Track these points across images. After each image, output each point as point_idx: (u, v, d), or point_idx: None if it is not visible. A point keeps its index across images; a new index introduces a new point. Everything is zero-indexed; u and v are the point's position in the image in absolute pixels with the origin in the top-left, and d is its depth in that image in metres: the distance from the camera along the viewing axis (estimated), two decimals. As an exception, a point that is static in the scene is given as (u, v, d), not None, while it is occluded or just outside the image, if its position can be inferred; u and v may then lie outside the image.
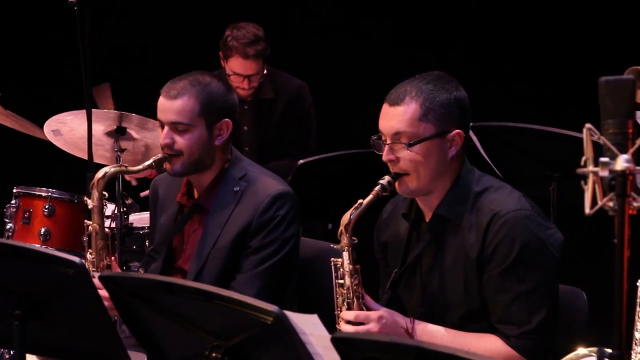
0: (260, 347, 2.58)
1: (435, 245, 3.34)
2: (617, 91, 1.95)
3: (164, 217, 3.88)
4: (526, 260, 3.20)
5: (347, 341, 2.31)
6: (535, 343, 3.19)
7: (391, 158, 3.26)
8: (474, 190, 3.30)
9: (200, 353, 2.60)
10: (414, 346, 2.16)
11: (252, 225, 3.69)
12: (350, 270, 3.29)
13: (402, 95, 3.26)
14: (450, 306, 3.33)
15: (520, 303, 3.21)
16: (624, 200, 1.89)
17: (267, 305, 2.45)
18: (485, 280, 3.26)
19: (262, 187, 3.74)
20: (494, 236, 3.22)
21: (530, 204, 3.29)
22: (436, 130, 3.25)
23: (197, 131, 3.69)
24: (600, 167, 1.92)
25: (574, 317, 3.44)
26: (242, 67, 5.48)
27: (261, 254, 3.69)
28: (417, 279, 3.39)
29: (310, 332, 2.45)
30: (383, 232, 3.54)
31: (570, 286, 3.48)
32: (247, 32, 5.47)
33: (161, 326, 2.73)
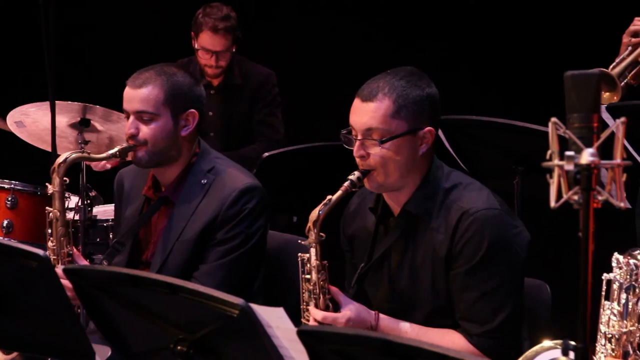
0: (225, 340, 2.57)
1: (404, 241, 3.34)
2: (583, 85, 1.96)
3: (129, 209, 3.86)
4: (493, 259, 3.21)
5: (313, 334, 2.31)
6: (497, 342, 3.21)
7: (362, 154, 3.25)
8: (443, 187, 3.31)
9: (165, 346, 2.59)
10: (379, 338, 2.16)
11: (219, 218, 3.69)
12: (318, 266, 3.29)
13: (375, 91, 3.25)
14: (418, 302, 3.34)
15: (484, 301, 3.22)
16: (589, 194, 1.91)
17: (233, 298, 2.45)
18: (451, 277, 3.27)
19: (230, 180, 3.73)
20: (462, 234, 3.23)
21: (499, 201, 3.30)
22: (408, 128, 3.24)
23: (162, 120, 3.68)
24: (565, 160, 1.93)
25: (538, 310, 3.47)
26: (210, 41, 5.53)
27: (225, 247, 3.68)
28: (384, 274, 3.39)
29: (276, 325, 2.44)
30: (350, 224, 3.54)
31: (534, 279, 3.50)
32: (218, 10, 5.57)
33: (125, 319, 2.71)
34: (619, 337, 2.70)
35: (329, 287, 3.30)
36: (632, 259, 2.67)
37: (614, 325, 2.70)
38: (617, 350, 2.70)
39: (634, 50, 4.49)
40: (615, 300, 2.71)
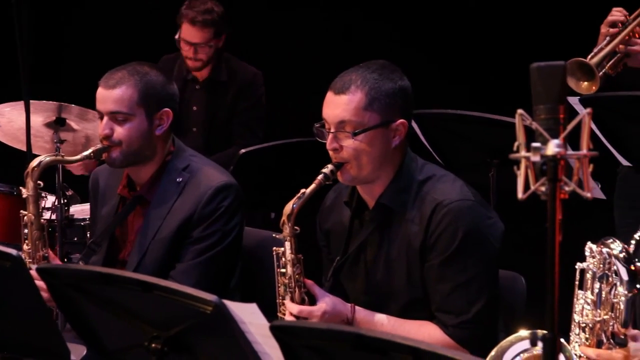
0: (199, 336, 2.57)
1: (379, 234, 3.35)
2: (548, 77, 1.97)
3: (105, 209, 3.85)
4: (467, 250, 3.23)
5: (285, 329, 2.31)
6: (473, 333, 3.22)
7: (335, 146, 3.26)
8: (417, 179, 3.32)
9: (139, 344, 2.59)
10: (351, 333, 2.17)
11: (195, 216, 3.68)
12: (293, 259, 3.30)
13: (348, 83, 3.26)
14: (394, 295, 3.34)
15: (459, 292, 3.23)
16: (556, 185, 1.92)
17: (206, 294, 2.45)
18: (426, 269, 3.28)
19: (205, 178, 3.72)
20: (436, 226, 3.24)
21: (473, 193, 3.32)
22: (381, 120, 3.25)
23: (137, 120, 3.67)
24: (532, 152, 1.94)
25: (514, 301, 3.48)
26: (189, 33, 5.54)
27: (202, 245, 3.68)
28: (361, 267, 3.40)
29: (250, 321, 2.45)
30: (326, 219, 3.55)
31: (509, 271, 3.52)
32: (202, 3, 5.56)
33: (100, 318, 2.71)
34: (592, 326, 2.71)
35: (305, 281, 3.30)
36: (605, 247, 2.68)
37: (587, 314, 2.71)
38: (591, 339, 2.71)
39: (612, 40, 4.51)
40: (588, 290, 2.72)
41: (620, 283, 2.64)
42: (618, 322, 2.67)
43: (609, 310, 2.69)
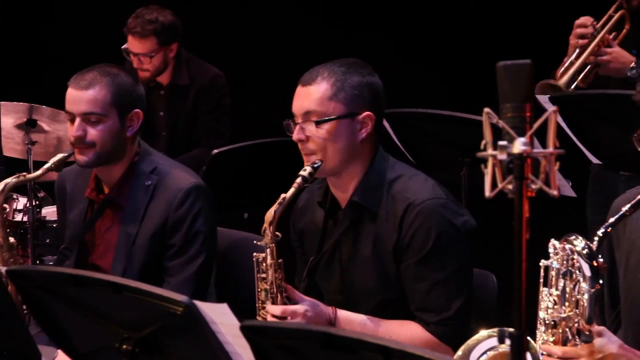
0: (171, 337, 2.56)
1: (353, 233, 3.36)
2: (515, 75, 1.98)
3: (73, 212, 3.84)
4: (443, 249, 3.24)
5: (256, 329, 2.31)
6: (454, 329, 3.24)
7: (301, 137, 3.27)
8: (388, 178, 3.33)
9: (110, 345, 2.58)
10: (321, 332, 2.17)
11: (169, 221, 3.68)
12: (274, 265, 3.29)
13: (315, 76, 3.28)
14: (368, 294, 3.35)
15: (438, 290, 3.25)
16: (522, 183, 1.92)
17: (177, 295, 2.45)
18: (403, 269, 3.29)
19: (175, 181, 3.72)
20: (409, 225, 3.25)
21: (444, 191, 3.33)
22: (346, 111, 3.26)
23: (110, 121, 3.66)
24: (498, 150, 1.95)
25: (485, 299, 3.50)
26: (132, 44, 5.53)
27: (187, 254, 3.68)
28: (335, 267, 3.41)
29: (220, 321, 2.44)
30: (299, 220, 3.55)
31: (480, 269, 3.53)
32: (147, 13, 5.50)
33: (70, 320, 2.70)
34: (557, 322, 2.72)
35: (286, 286, 3.30)
36: (567, 244, 2.69)
37: (552, 311, 2.72)
38: (556, 336, 2.73)
39: (581, 53, 4.56)
40: (553, 287, 2.73)
41: (583, 279, 2.65)
42: (583, 319, 2.68)
43: (574, 306, 2.70)
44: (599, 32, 4.61)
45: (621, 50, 4.62)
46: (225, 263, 3.94)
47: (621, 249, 2.99)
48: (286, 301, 3.29)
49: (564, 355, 2.71)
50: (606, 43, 4.61)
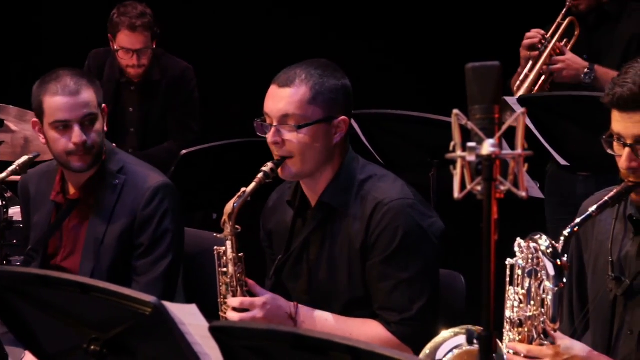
0: (139, 338, 2.56)
1: (321, 233, 3.37)
2: (483, 77, 1.99)
3: (38, 215, 3.82)
4: (408, 248, 3.25)
5: (224, 330, 2.31)
6: (415, 329, 3.24)
7: (277, 140, 3.26)
8: (358, 179, 3.34)
9: (78, 346, 2.57)
10: (290, 333, 2.17)
11: (137, 220, 3.67)
12: (234, 258, 3.30)
13: (292, 77, 3.27)
14: (335, 294, 3.36)
15: (401, 290, 3.25)
16: (491, 184, 1.93)
17: (145, 296, 2.44)
18: (368, 267, 3.29)
19: (142, 180, 3.72)
20: (377, 224, 3.26)
21: (413, 192, 3.34)
22: (324, 115, 3.27)
23: (99, 122, 3.66)
24: (467, 152, 1.95)
25: (453, 300, 3.51)
26: (129, 40, 5.49)
27: (156, 253, 3.67)
28: (303, 266, 3.41)
29: (189, 322, 2.44)
30: (269, 220, 3.55)
31: (449, 270, 3.55)
32: (133, 9, 5.52)
33: (38, 320, 2.68)
34: (523, 321, 2.73)
35: (246, 280, 3.30)
36: (532, 243, 2.71)
37: (518, 310, 2.74)
38: (522, 335, 2.74)
39: (535, 64, 4.64)
40: (519, 285, 2.74)
41: (547, 278, 2.67)
42: (548, 318, 2.70)
43: (539, 305, 2.72)
44: (550, 41, 4.69)
45: (574, 56, 4.70)
46: (194, 264, 3.93)
47: (589, 250, 3.01)
48: (247, 295, 3.29)
49: (529, 353, 2.72)
50: (557, 51, 4.68)
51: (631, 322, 2.87)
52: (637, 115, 2.73)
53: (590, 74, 4.67)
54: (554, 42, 4.72)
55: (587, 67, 4.68)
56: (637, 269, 2.86)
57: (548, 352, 2.71)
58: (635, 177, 2.78)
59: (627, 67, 2.77)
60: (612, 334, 2.91)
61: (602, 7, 4.82)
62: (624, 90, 2.72)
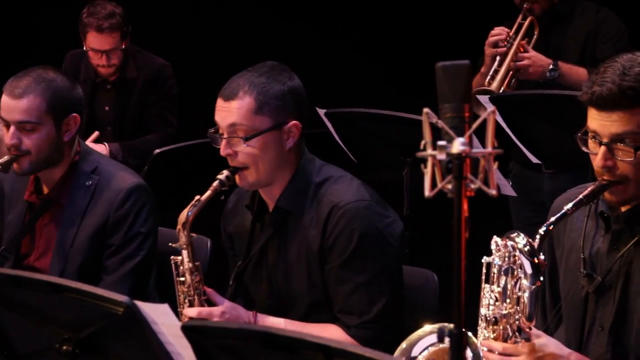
0: (112, 338, 2.56)
1: (279, 237, 3.36)
2: (454, 76, 2.00)
3: (11, 214, 3.80)
4: (365, 251, 3.24)
5: (197, 329, 2.31)
6: (375, 332, 3.24)
7: (229, 152, 3.26)
8: (315, 181, 3.32)
9: (50, 346, 2.57)
10: (261, 331, 2.19)
11: (109, 221, 3.66)
12: (191, 267, 3.30)
13: (236, 89, 3.25)
14: (296, 298, 3.36)
15: (360, 293, 3.25)
16: (461, 183, 1.94)
17: (117, 295, 2.44)
18: (326, 271, 3.29)
19: (116, 181, 3.71)
20: (333, 228, 3.26)
21: (370, 193, 3.33)
22: (272, 123, 3.25)
23: (45, 129, 3.63)
24: (438, 150, 1.96)
25: (426, 298, 3.51)
26: (98, 42, 5.47)
27: (125, 252, 3.67)
28: (263, 271, 3.41)
29: (162, 321, 2.44)
30: (229, 222, 3.55)
31: (421, 268, 3.55)
32: (102, 8, 5.48)
33: (9, 321, 2.68)
34: (498, 319, 2.74)
35: (204, 289, 3.30)
36: (510, 241, 2.71)
37: (493, 308, 2.75)
38: (497, 333, 2.75)
39: (503, 60, 4.71)
40: (495, 283, 2.75)
41: (524, 276, 2.68)
42: (523, 316, 2.71)
43: (515, 303, 2.72)
44: (515, 38, 4.77)
45: (538, 54, 4.79)
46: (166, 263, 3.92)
47: (562, 247, 3.02)
48: (205, 304, 3.29)
49: (504, 351, 2.73)
50: (522, 50, 4.76)
51: (602, 319, 2.88)
52: (614, 114, 2.74)
53: (554, 70, 4.74)
54: (518, 40, 4.79)
55: (552, 63, 4.76)
56: (608, 265, 2.88)
57: (523, 349, 2.72)
58: (610, 175, 2.79)
59: (605, 65, 2.78)
60: (583, 330, 2.92)
61: (554, 7, 4.91)
62: (603, 89, 2.73)
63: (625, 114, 2.73)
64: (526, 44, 4.83)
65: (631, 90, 2.71)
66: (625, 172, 2.77)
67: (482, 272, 2.76)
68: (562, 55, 4.85)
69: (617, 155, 2.76)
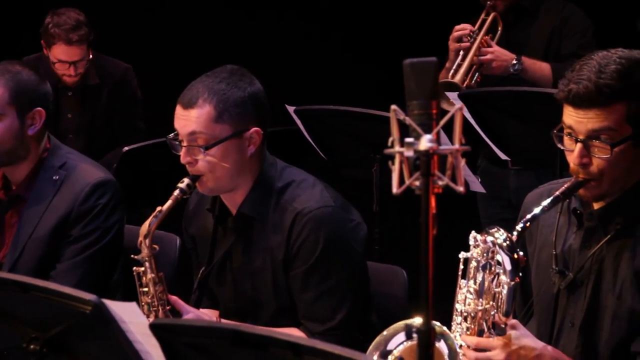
0: (80, 337, 2.55)
1: (243, 243, 3.34)
2: (421, 73, 2.00)
3: None
4: (329, 258, 3.23)
5: (165, 327, 2.31)
6: (339, 339, 3.19)
7: (189, 160, 3.24)
8: (277, 187, 3.30)
9: (17, 345, 2.55)
10: (229, 329, 2.18)
11: (72, 214, 3.64)
12: (154, 278, 3.26)
13: (195, 97, 3.22)
14: (261, 303, 3.35)
15: (323, 300, 3.24)
16: (428, 179, 1.95)
17: (85, 294, 2.43)
18: (291, 278, 3.28)
19: (82, 175, 3.69)
20: (297, 235, 3.24)
21: (333, 197, 3.31)
22: (233, 131, 3.22)
23: (8, 120, 3.60)
24: (405, 147, 1.97)
25: (395, 295, 3.51)
26: (66, 54, 5.42)
27: (81, 243, 3.64)
28: (227, 276, 3.40)
29: (130, 320, 2.43)
30: (190, 224, 3.53)
31: (391, 265, 3.55)
32: (68, 18, 5.41)
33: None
34: (474, 315, 2.74)
35: (168, 298, 3.27)
36: (489, 236, 2.71)
37: (470, 303, 2.75)
38: (472, 328, 2.75)
39: (466, 54, 4.74)
40: (472, 279, 2.75)
41: (503, 272, 2.68)
42: (500, 312, 2.71)
43: (491, 299, 2.73)
44: (478, 33, 4.81)
45: (501, 49, 4.82)
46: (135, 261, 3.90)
47: (534, 244, 3.03)
48: (169, 314, 3.26)
49: (477, 345, 2.73)
50: (485, 44, 4.79)
51: (573, 315, 2.89)
52: (591, 111, 2.75)
53: (518, 65, 4.78)
54: (482, 35, 4.83)
55: (515, 58, 4.79)
56: (580, 262, 2.88)
57: (496, 343, 2.73)
58: (585, 172, 2.80)
59: (581, 63, 2.79)
60: (554, 326, 2.93)
61: (520, 3, 4.94)
62: (579, 87, 2.74)
63: (601, 111, 2.74)
64: (490, 39, 4.86)
65: (607, 87, 2.72)
66: (601, 169, 2.77)
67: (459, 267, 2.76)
68: (527, 51, 4.87)
69: (593, 152, 2.77)
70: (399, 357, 2.49)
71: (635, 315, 2.78)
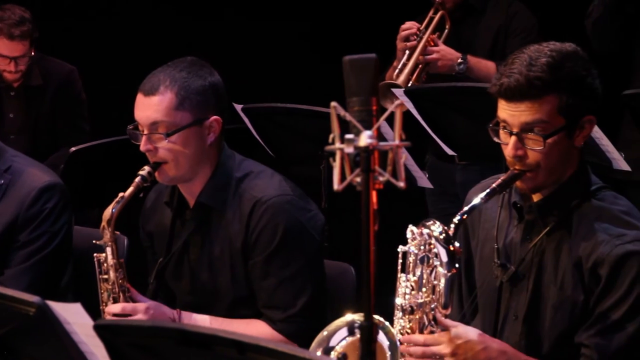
0: (24, 338, 2.53)
1: (201, 233, 3.35)
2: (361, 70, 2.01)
3: None
4: (289, 245, 3.25)
5: (109, 328, 2.29)
6: (301, 326, 3.25)
7: (149, 148, 3.24)
8: (235, 177, 3.32)
9: (-39, 349, 2.54)
10: (174, 328, 2.17)
11: (19, 219, 3.61)
12: (115, 264, 3.28)
13: (157, 84, 3.24)
14: (219, 294, 3.35)
15: (284, 287, 3.26)
16: (369, 175, 1.96)
17: (29, 296, 2.42)
18: (250, 266, 3.29)
19: (29, 179, 3.66)
20: (256, 223, 3.26)
21: (291, 187, 3.34)
22: (193, 118, 3.24)
23: None
24: (345, 143, 1.97)
25: (344, 292, 3.53)
26: (7, 48, 5.39)
27: (29, 248, 3.61)
28: (185, 267, 3.40)
29: (74, 321, 2.42)
30: (148, 221, 3.53)
31: (339, 262, 3.57)
32: (12, 14, 5.39)
33: None
34: (414, 308, 2.76)
35: (128, 286, 3.28)
36: (425, 229, 2.73)
37: (409, 297, 2.76)
38: (413, 322, 2.77)
39: (412, 54, 4.77)
40: (410, 272, 2.77)
41: (440, 264, 2.70)
42: (439, 304, 2.73)
43: (431, 292, 2.75)
44: (424, 32, 4.84)
45: (447, 47, 4.87)
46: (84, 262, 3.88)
47: (476, 238, 3.05)
48: (129, 300, 3.27)
49: (425, 343, 2.75)
50: (432, 43, 4.83)
51: (516, 308, 2.92)
52: (523, 104, 2.78)
53: (463, 64, 4.81)
54: (428, 34, 4.86)
55: (460, 57, 4.82)
56: (521, 255, 2.92)
57: (443, 339, 2.75)
58: (521, 165, 2.83)
59: (512, 57, 2.82)
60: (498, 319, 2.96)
61: (467, 0, 4.97)
62: (510, 80, 2.77)
63: (533, 103, 2.78)
64: (437, 37, 4.88)
65: (538, 80, 2.76)
66: (536, 161, 2.81)
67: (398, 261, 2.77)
68: (475, 48, 4.91)
69: (528, 144, 2.81)
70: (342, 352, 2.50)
71: (576, 306, 2.82)
